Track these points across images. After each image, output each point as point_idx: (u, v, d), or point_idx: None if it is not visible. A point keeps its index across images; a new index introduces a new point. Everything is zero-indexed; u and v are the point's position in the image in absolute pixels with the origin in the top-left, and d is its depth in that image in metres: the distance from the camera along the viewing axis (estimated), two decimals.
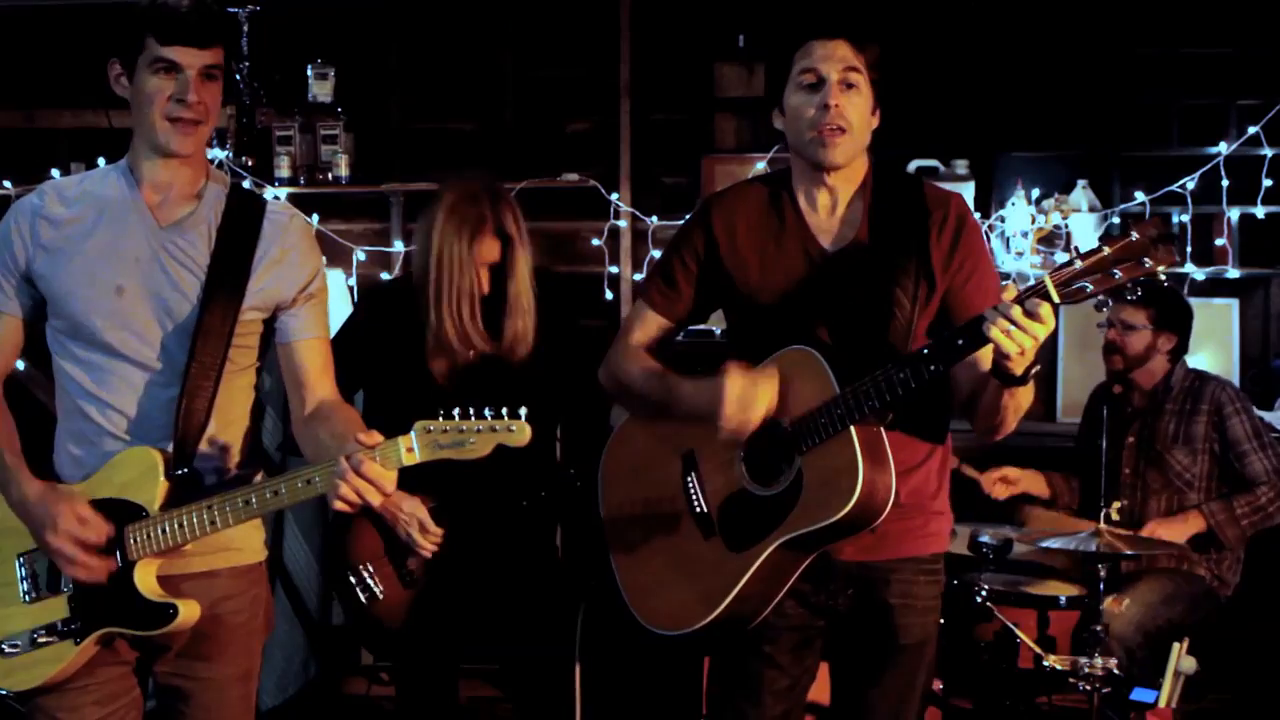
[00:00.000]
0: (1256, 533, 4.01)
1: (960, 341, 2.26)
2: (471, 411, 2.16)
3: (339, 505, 2.18)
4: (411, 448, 2.16)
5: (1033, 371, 2.24)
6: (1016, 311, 2.13)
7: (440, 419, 2.15)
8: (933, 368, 2.29)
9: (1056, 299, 2.13)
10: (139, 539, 2.32)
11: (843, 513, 2.34)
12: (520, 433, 2.16)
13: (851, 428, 2.34)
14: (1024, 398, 2.34)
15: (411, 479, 2.99)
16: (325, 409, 2.43)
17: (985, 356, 2.27)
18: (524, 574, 3.24)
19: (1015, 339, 2.14)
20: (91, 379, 2.40)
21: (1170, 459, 4.05)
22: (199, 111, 2.34)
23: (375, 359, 3.20)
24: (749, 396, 2.38)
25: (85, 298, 2.38)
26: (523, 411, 2.17)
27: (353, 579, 3.12)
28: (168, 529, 2.31)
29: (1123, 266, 2.08)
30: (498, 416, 2.15)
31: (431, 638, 3.13)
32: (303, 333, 2.47)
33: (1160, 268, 2.07)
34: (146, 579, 2.34)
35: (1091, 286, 2.10)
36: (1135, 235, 2.07)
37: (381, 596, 3.10)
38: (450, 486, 3.08)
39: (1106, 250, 2.09)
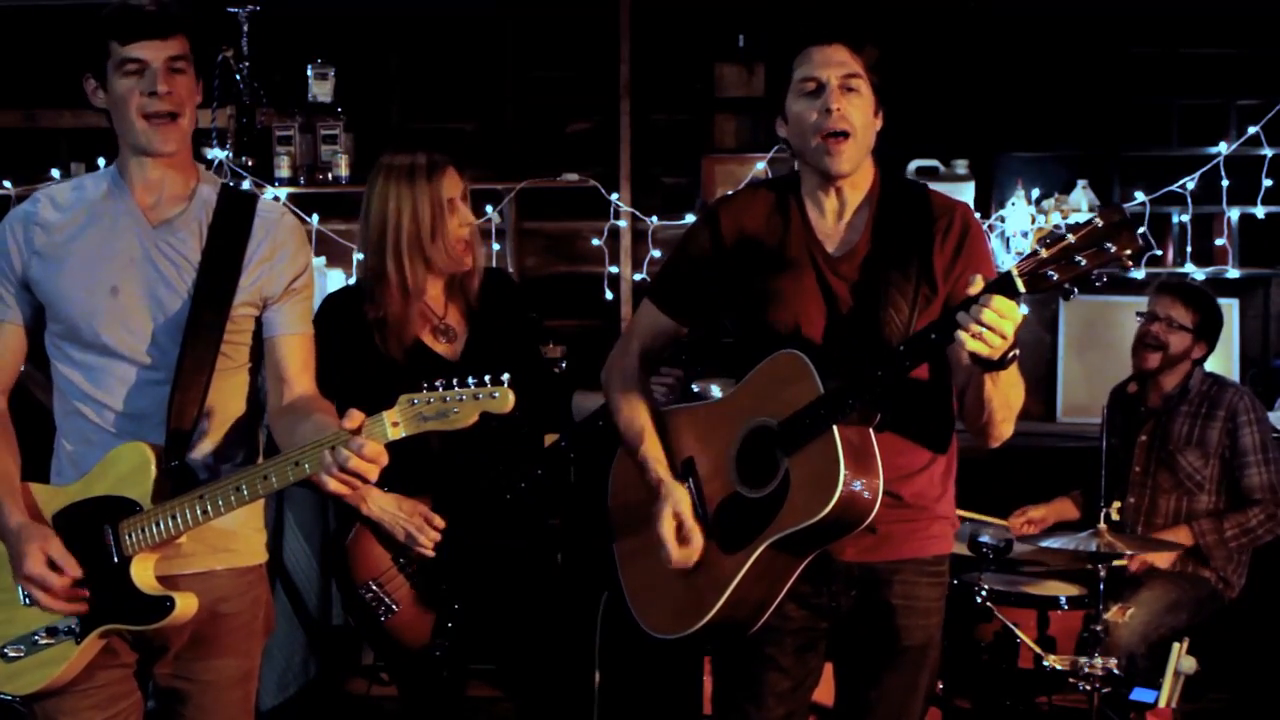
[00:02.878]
0: (1243, 550, 4.02)
1: (933, 336, 2.28)
2: (455, 381, 2.14)
3: (334, 487, 2.18)
4: (396, 421, 2.15)
5: (1010, 356, 2.24)
6: (987, 300, 2.14)
7: (424, 390, 2.14)
8: (907, 363, 2.31)
9: (1022, 288, 2.14)
10: (134, 534, 2.33)
11: (823, 513, 2.34)
12: (504, 399, 2.14)
13: (834, 428, 2.35)
14: (1011, 392, 2.34)
15: (408, 480, 3.03)
16: (302, 403, 2.44)
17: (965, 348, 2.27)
18: (527, 571, 3.22)
19: (984, 332, 2.15)
20: (88, 380, 2.41)
21: (1181, 460, 4.04)
22: (172, 102, 2.34)
23: (333, 365, 2.87)
24: (684, 534, 2.50)
25: (80, 300, 2.39)
26: (505, 377, 2.15)
27: (366, 595, 3.08)
28: (162, 523, 2.32)
29: (1086, 253, 2.10)
30: (480, 383, 2.13)
31: (450, 648, 3.11)
32: (285, 328, 2.48)
33: (1125, 253, 2.08)
34: (143, 574, 2.34)
35: (1057, 275, 2.12)
36: (1098, 222, 2.10)
37: (398, 609, 3.07)
38: (445, 481, 3.07)
39: (1070, 238, 2.11)
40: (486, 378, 2.14)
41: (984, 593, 3.65)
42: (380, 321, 3.07)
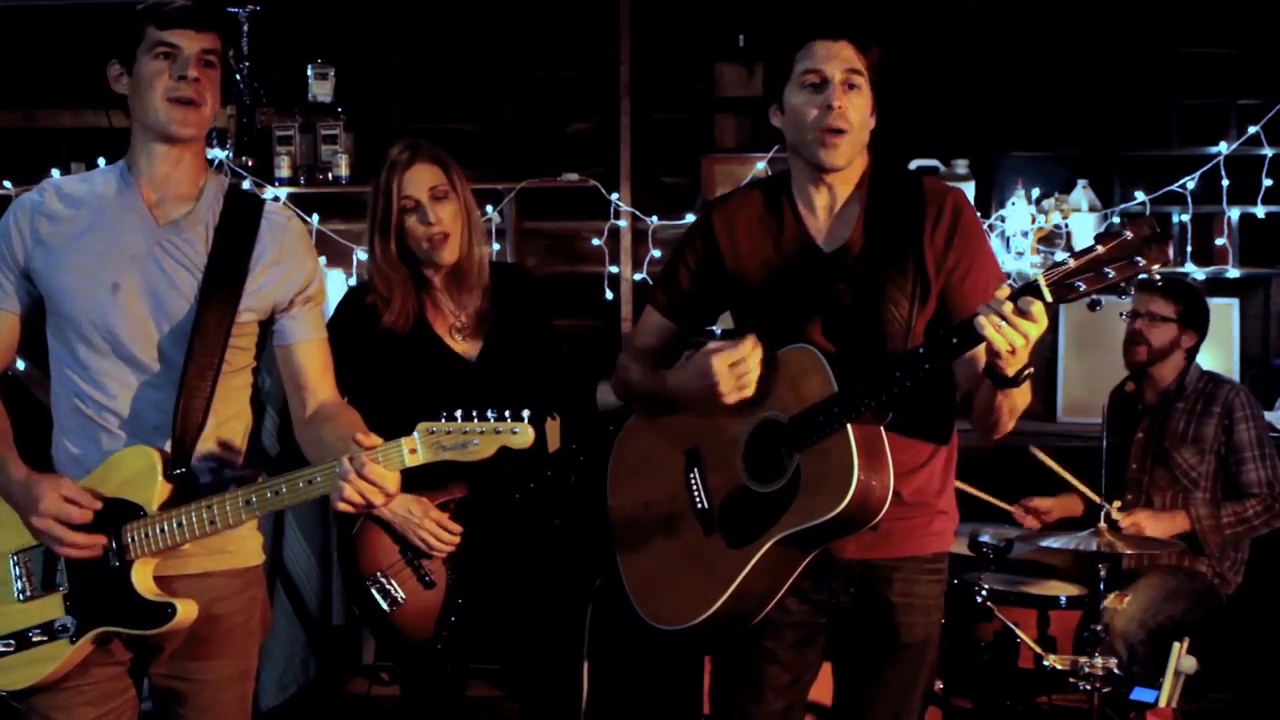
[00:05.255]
0: (1238, 540, 4.02)
1: (954, 340, 2.27)
2: (475, 413, 2.16)
3: (342, 506, 2.19)
4: (415, 449, 2.17)
5: (1025, 374, 2.24)
6: (1008, 309, 2.14)
7: (443, 419, 2.16)
8: (928, 366, 2.30)
9: (1049, 297, 2.13)
10: (137, 538, 2.32)
11: (836, 511, 2.34)
12: (523, 435, 2.17)
13: (849, 426, 2.35)
14: (1019, 399, 2.35)
15: (415, 478, 3.03)
16: (326, 410, 2.44)
17: (981, 355, 2.27)
18: (534, 571, 3.23)
19: (1006, 336, 2.15)
20: (87, 377, 2.41)
21: (1177, 457, 4.05)
22: (197, 90, 2.36)
23: (348, 364, 2.87)
24: (738, 363, 2.39)
25: (81, 295, 2.38)
26: (525, 413, 2.17)
27: (372, 588, 3.08)
28: (166, 528, 2.31)
29: (1115, 265, 2.08)
30: (501, 418, 2.16)
31: (453, 643, 3.11)
32: (301, 335, 2.48)
33: (1155, 266, 2.07)
34: (144, 578, 2.34)
35: (1084, 285, 2.10)
36: (1129, 234, 2.08)
37: (404, 601, 3.08)
38: (454, 481, 3.08)
39: (1100, 249, 2.09)
40: (508, 413, 2.17)
41: (984, 592, 3.66)
42: (373, 308, 3.11)
